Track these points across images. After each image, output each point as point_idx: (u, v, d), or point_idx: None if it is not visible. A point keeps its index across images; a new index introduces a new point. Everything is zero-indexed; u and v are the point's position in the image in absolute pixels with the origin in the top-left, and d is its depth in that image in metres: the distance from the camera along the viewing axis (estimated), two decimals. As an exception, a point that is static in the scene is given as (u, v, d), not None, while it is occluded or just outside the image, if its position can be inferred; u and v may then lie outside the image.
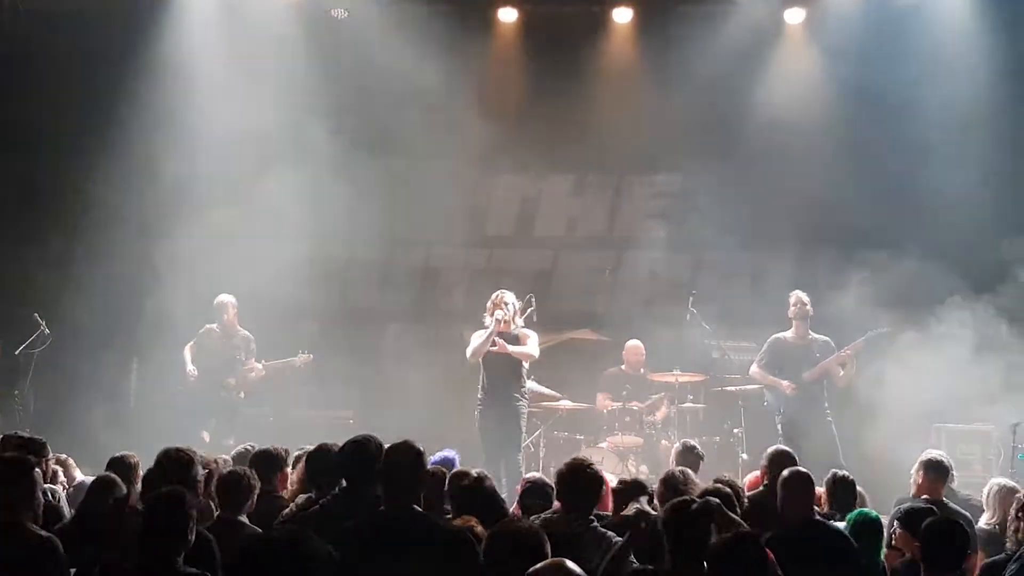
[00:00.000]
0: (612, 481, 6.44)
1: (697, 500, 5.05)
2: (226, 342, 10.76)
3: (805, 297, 10.19)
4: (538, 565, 3.96)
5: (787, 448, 7.04)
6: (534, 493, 6.19)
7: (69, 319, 11.26)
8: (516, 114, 12.40)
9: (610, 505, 6.23)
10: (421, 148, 12.34)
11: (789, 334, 10.16)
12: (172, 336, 11.07)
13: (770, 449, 6.91)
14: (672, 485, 6.15)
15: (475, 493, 5.83)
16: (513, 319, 9.49)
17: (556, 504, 5.81)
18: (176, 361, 11.02)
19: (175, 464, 5.92)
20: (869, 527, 5.90)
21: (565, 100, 12.42)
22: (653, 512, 5.64)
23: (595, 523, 5.54)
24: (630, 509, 5.80)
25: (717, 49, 12.03)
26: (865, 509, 6.13)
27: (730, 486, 6.02)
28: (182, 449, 6.10)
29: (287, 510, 5.83)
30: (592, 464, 5.73)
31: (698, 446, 7.68)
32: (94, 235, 12.01)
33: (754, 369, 10.35)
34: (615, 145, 12.53)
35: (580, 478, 5.60)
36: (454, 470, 6.42)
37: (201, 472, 6.13)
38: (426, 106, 12.20)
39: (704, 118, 12.10)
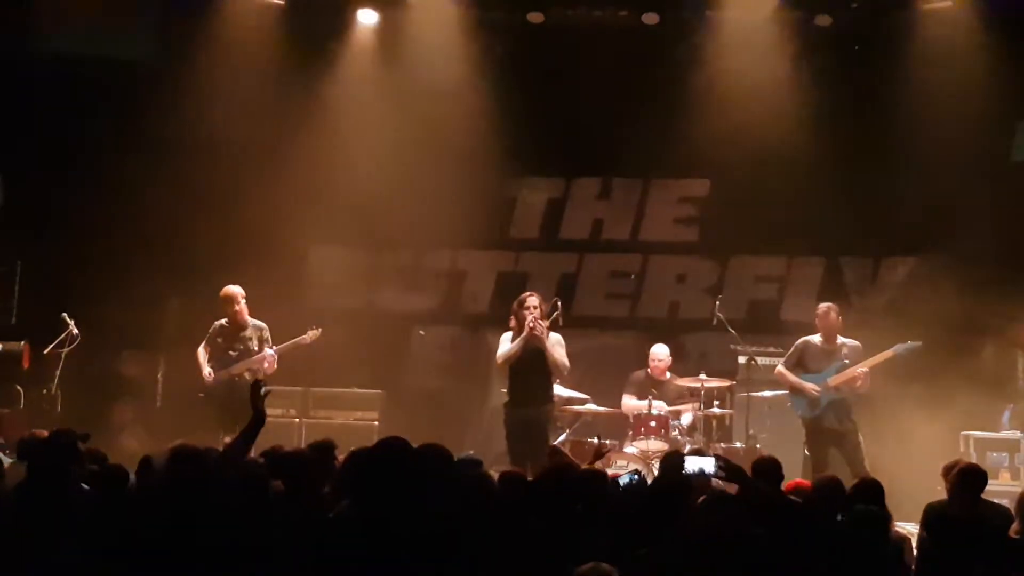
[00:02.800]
0: None
1: None
2: (237, 335, 10.40)
3: (833, 312, 10.08)
4: (582, 568, 4.02)
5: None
6: None
7: (97, 319, 11.31)
8: (542, 117, 12.40)
9: None
10: (447, 150, 12.36)
11: (818, 338, 10.13)
12: (199, 336, 11.10)
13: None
14: None
15: None
16: (538, 321, 9.47)
17: None
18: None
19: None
20: (870, 517, 5.88)
21: (592, 103, 12.40)
22: None
23: None
24: None
25: (745, 53, 12.00)
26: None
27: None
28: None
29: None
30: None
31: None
32: (121, 234, 12.10)
33: (779, 369, 10.30)
34: (642, 149, 12.49)
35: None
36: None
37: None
38: (452, 108, 12.23)
39: (732, 122, 12.06)
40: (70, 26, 12.15)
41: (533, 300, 9.49)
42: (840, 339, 10.06)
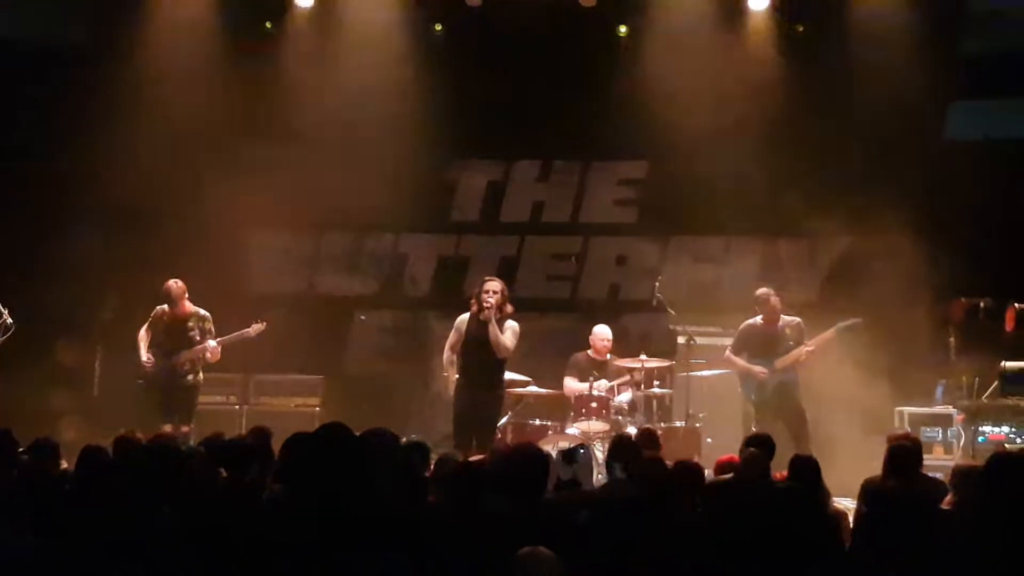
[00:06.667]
0: None
1: None
2: (179, 324, 10.27)
3: (772, 297, 10.21)
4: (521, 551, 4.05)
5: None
6: None
7: (32, 308, 11.13)
8: (482, 100, 12.38)
9: None
10: (388, 134, 12.31)
11: (759, 320, 10.29)
12: (137, 323, 10.97)
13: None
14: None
15: None
16: (500, 307, 9.45)
17: None
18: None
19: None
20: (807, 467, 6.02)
21: (531, 86, 12.41)
22: None
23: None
24: None
25: (683, 33, 12.05)
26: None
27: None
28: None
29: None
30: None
31: (657, 431, 7.88)
32: (55, 221, 11.92)
33: (728, 356, 10.47)
34: (581, 131, 12.54)
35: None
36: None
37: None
38: (393, 92, 12.18)
39: (669, 104, 12.11)
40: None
41: (493, 284, 9.51)
42: (781, 319, 10.22)
